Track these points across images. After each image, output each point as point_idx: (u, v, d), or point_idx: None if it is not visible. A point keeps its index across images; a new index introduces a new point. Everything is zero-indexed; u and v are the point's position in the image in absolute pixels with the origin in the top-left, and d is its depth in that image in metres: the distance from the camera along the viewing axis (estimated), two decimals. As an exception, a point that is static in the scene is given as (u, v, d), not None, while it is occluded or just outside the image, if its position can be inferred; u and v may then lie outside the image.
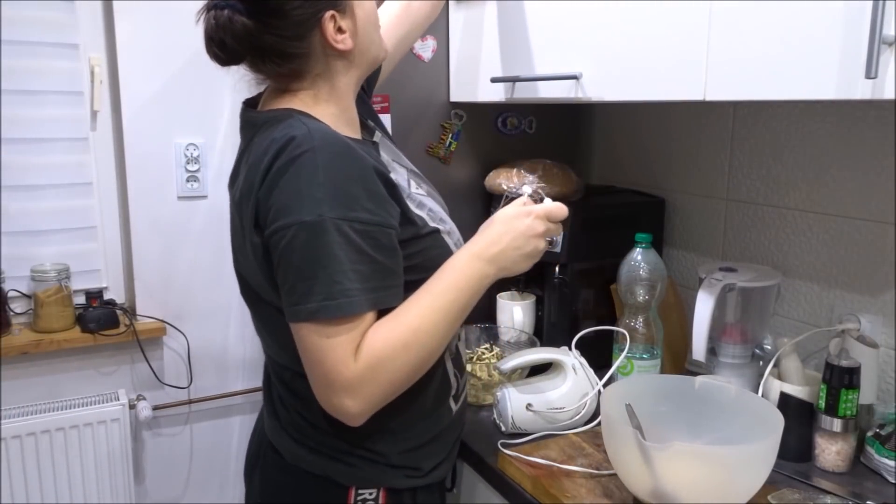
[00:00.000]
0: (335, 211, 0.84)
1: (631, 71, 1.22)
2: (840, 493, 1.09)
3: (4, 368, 1.81)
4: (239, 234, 0.98)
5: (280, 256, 0.87)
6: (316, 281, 0.85)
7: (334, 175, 0.86)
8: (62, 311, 1.83)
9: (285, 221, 0.85)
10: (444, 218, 1.04)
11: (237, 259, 1.03)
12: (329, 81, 0.99)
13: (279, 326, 0.94)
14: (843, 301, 1.33)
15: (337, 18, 0.95)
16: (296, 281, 0.86)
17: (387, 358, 0.88)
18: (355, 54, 0.99)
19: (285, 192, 0.86)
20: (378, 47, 1.04)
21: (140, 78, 1.85)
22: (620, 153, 1.83)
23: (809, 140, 1.37)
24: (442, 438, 1.08)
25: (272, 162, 0.87)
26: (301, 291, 0.86)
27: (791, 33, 0.95)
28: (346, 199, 0.86)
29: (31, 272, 1.81)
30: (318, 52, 0.96)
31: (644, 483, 0.99)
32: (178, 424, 2.06)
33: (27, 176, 1.81)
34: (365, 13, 1.00)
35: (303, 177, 0.85)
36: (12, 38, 1.73)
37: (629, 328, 1.35)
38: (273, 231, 0.87)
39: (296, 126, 0.89)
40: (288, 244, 0.85)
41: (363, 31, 0.99)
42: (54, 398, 1.88)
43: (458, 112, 1.72)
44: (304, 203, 0.84)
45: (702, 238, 1.61)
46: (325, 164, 0.86)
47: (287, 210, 0.85)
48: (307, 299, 0.85)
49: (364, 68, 1.03)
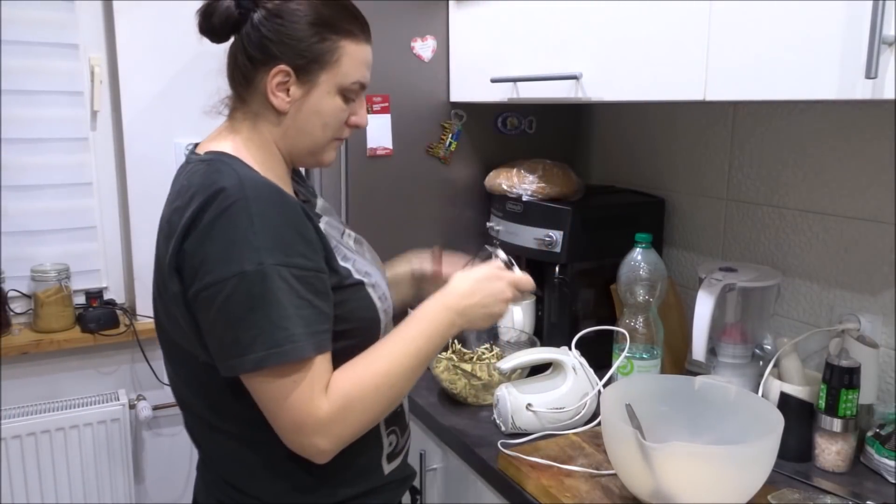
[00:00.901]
0: (274, 257, 0.83)
1: (631, 71, 1.22)
2: (840, 493, 1.09)
3: (4, 368, 1.81)
4: (158, 272, 0.94)
5: (218, 311, 0.84)
6: (261, 329, 0.83)
7: (269, 222, 0.85)
8: (62, 311, 1.84)
9: (221, 274, 0.83)
10: (369, 271, 1.01)
11: (155, 293, 0.98)
12: (260, 127, 0.96)
13: (194, 374, 0.94)
14: (843, 301, 1.33)
15: (290, 79, 0.93)
16: (239, 332, 0.84)
17: (357, 398, 0.89)
18: (287, 124, 0.96)
19: (219, 244, 0.83)
20: (315, 144, 0.99)
21: (140, 78, 1.86)
22: (620, 153, 1.83)
23: (809, 140, 1.37)
24: (367, 501, 1.02)
25: (199, 212, 0.85)
26: (245, 342, 0.83)
27: (791, 33, 0.95)
28: (282, 245, 0.85)
29: (31, 272, 1.81)
30: (260, 89, 0.94)
31: (644, 483, 0.99)
32: (178, 424, 2.06)
33: (27, 176, 1.81)
34: (324, 107, 0.96)
35: (238, 227, 0.83)
36: (12, 38, 1.74)
37: (629, 328, 1.35)
38: (206, 285, 0.84)
39: (225, 174, 0.87)
40: (227, 297, 0.83)
41: (307, 116, 0.96)
42: (54, 398, 1.88)
43: (458, 112, 1.72)
44: (242, 253, 0.83)
45: (702, 238, 1.61)
46: (258, 212, 0.84)
47: (223, 262, 0.83)
48: (252, 349, 0.83)
49: (296, 147, 0.99)
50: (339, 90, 0.96)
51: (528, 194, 1.58)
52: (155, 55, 1.85)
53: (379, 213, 1.68)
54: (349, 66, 0.95)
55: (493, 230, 1.66)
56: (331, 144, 1.01)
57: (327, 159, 1.03)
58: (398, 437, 1.07)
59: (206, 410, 0.97)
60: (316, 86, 0.95)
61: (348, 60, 0.95)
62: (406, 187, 1.69)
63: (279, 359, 0.84)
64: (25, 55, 1.76)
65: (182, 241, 0.86)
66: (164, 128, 1.90)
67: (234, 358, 0.85)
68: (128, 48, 1.83)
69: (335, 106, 0.97)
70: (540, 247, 1.53)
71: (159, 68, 1.87)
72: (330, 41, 0.93)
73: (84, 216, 1.89)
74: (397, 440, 1.07)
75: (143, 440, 2.02)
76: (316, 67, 0.93)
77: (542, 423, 1.25)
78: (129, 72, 1.85)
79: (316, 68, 0.94)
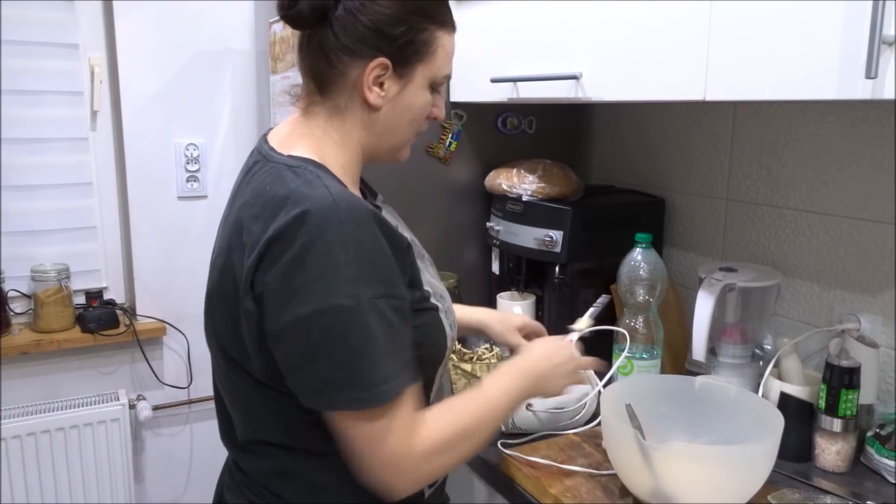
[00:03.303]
0: (371, 289, 0.79)
1: (631, 71, 1.22)
2: (840, 493, 1.09)
3: (4, 368, 1.81)
4: (222, 274, 0.88)
5: (311, 345, 0.79)
6: (357, 369, 0.79)
7: (363, 249, 0.79)
8: (62, 311, 1.83)
9: (317, 307, 0.77)
10: (443, 295, 0.97)
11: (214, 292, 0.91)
12: (343, 125, 0.90)
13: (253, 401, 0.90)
14: (843, 301, 1.33)
15: (387, 73, 0.87)
16: (333, 369, 0.79)
17: (449, 446, 0.87)
18: (378, 120, 0.90)
19: (313, 275, 0.77)
20: (400, 141, 0.94)
21: (140, 78, 1.86)
22: (620, 153, 1.83)
23: (809, 140, 1.37)
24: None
25: (288, 231, 0.78)
26: (340, 380, 0.79)
27: (791, 33, 0.95)
28: (377, 275, 0.80)
29: (31, 272, 1.81)
30: (349, 83, 0.88)
31: (644, 483, 0.99)
32: (178, 424, 2.06)
33: (27, 176, 1.81)
34: (416, 103, 0.91)
35: (333, 257, 0.77)
36: (12, 38, 1.74)
37: (629, 328, 1.35)
38: (301, 317, 0.78)
39: (317, 189, 0.80)
40: (324, 333, 0.78)
41: (400, 112, 0.90)
42: (54, 398, 1.88)
43: (458, 112, 1.72)
44: (337, 286, 0.77)
45: (702, 238, 1.61)
46: (353, 239, 0.79)
47: (317, 293, 0.78)
48: (347, 388, 0.79)
49: (380, 145, 0.93)
50: (430, 83, 0.91)
51: (528, 194, 1.58)
52: (155, 55, 1.85)
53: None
54: (443, 59, 0.90)
55: (493, 230, 1.66)
56: (412, 139, 0.96)
57: (405, 155, 0.98)
58: None
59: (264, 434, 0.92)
60: (412, 80, 0.89)
61: (443, 52, 0.90)
62: (406, 187, 1.69)
63: (376, 401, 0.80)
64: (25, 55, 1.76)
65: (261, 258, 0.80)
66: (163, 128, 1.90)
67: (326, 395, 0.81)
68: (128, 48, 1.83)
69: (425, 100, 0.91)
70: (540, 247, 1.53)
71: (159, 68, 1.87)
72: (428, 31, 0.87)
73: (84, 216, 1.89)
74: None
75: (143, 440, 2.02)
76: (414, 60, 0.87)
77: (542, 423, 1.25)
78: (129, 72, 1.84)
79: (414, 60, 0.87)
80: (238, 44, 1.92)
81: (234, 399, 0.95)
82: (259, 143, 0.94)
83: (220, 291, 0.88)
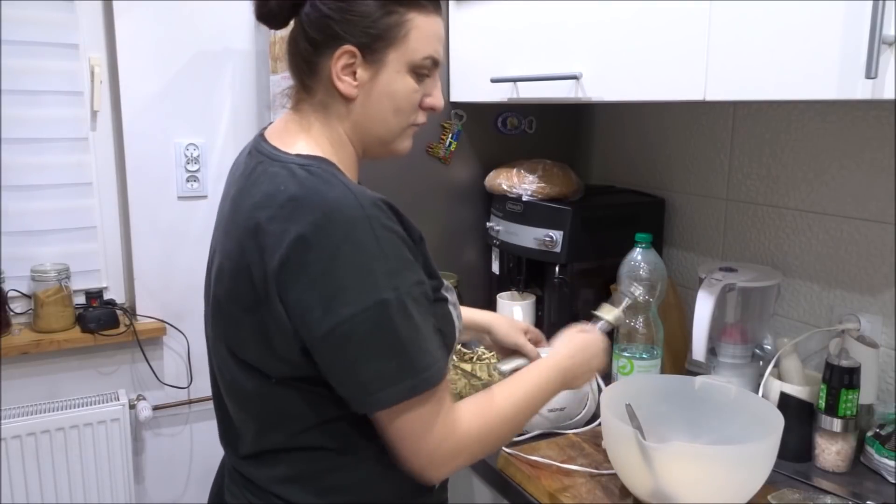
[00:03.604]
0: (406, 280, 0.80)
1: (631, 71, 1.22)
2: (840, 493, 1.09)
3: (4, 368, 1.81)
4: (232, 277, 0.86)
5: (361, 342, 0.78)
6: (406, 357, 0.80)
7: (393, 241, 0.80)
8: (62, 311, 1.83)
9: (359, 306, 0.77)
10: (450, 288, 0.96)
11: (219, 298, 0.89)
12: (329, 120, 0.90)
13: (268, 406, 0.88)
14: (843, 301, 1.33)
15: (356, 60, 0.86)
16: (386, 362, 0.79)
17: (490, 432, 0.89)
18: (357, 111, 0.89)
19: (345, 275, 0.77)
20: (388, 131, 0.92)
21: (140, 78, 1.85)
22: (620, 153, 1.83)
23: (809, 140, 1.37)
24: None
25: (317, 232, 0.77)
26: (392, 373, 0.79)
27: (791, 33, 0.95)
28: (409, 265, 0.82)
29: (31, 272, 1.81)
30: (325, 77, 0.87)
31: (644, 483, 0.99)
32: (178, 424, 2.06)
33: (27, 176, 1.81)
34: (395, 89, 0.88)
35: (368, 252, 0.78)
36: (12, 38, 1.73)
37: (629, 328, 1.35)
38: (345, 320, 0.77)
39: (335, 188, 0.80)
40: (373, 327, 0.78)
41: (377, 99, 0.88)
42: (54, 398, 1.88)
43: (458, 112, 1.72)
44: (378, 280, 0.78)
45: (702, 238, 1.61)
46: (382, 232, 0.79)
47: (356, 292, 0.77)
48: (401, 377, 0.79)
49: (367, 137, 0.92)
50: (410, 68, 0.88)
51: (528, 194, 1.58)
52: (155, 55, 1.85)
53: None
54: (419, 41, 0.87)
55: (493, 230, 1.66)
56: (406, 132, 0.93)
57: (402, 148, 0.95)
58: None
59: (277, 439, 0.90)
60: (384, 65, 0.87)
61: (417, 34, 0.87)
62: (406, 187, 1.69)
63: (426, 385, 0.81)
64: (25, 55, 1.76)
65: (287, 260, 0.78)
66: (163, 128, 1.90)
67: (379, 393, 0.80)
68: (128, 48, 1.83)
69: (407, 86, 0.89)
70: (540, 247, 1.53)
71: (159, 68, 1.87)
72: (397, 14, 0.86)
73: (84, 216, 1.89)
74: None
75: (143, 440, 2.02)
76: (383, 45, 0.86)
77: (542, 423, 1.25)
78: (129, 72, 1.84)
79: (383, 46, 0.86)
80: (238, 44, 1.92)
81: (244, 404, 0.92)
82: (256, 142, 0.92)
83: (233, 295, 0.86)
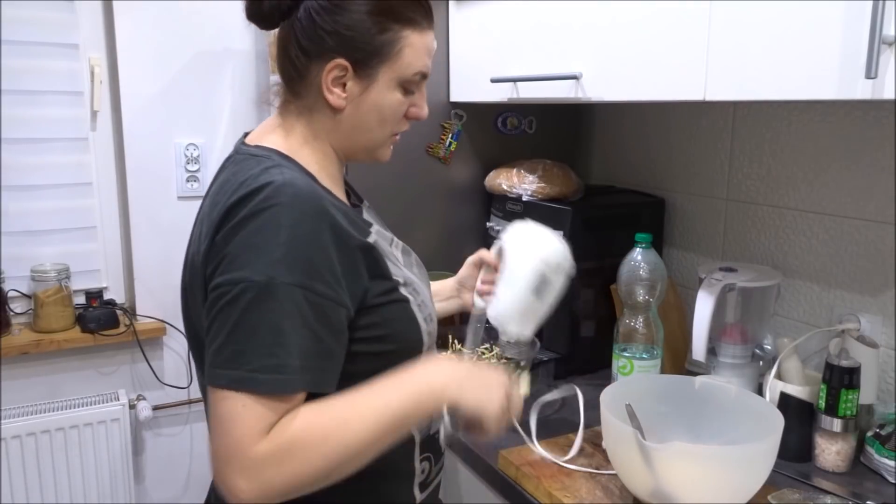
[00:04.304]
0: (291, 275, 0.76)
1: (631, 71, 1.22)
2: (840, 493, 1.09)
3: (4, 368, 1.81)
4: (190, 268, 0.88)
5: (218, 312, 0.77)
6: (250, 348, 0.75)
7: (298, 236, 0.78)
8: (62, 311, 1.83)
9: (232, 276, 0.77)
10: (417, 288, 0.93)
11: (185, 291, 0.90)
12: (312, 124, 0.90)
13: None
14: (843, 301, 1.33)
15: (347, 74, 0.86)
16: (227, 342, 0.76)
17: (300, 445, 0.76)
18: (344, 121, 0.89)
19: (241, 245, 0.77)
20: (373, 141, 0.92)
21: (140, 78, 1.85)
22: (620, 153, 1.83)
23: (809, 140, 1.37)
24: None
25: (236, 207, 0.79)
26: (228, 355, 0.76)
27: (791, 33, 0.95)
28: (304, 265, 0.77)
29: (31, 272, 1.81)
30: (314, 84, 0.88)
31: (644, 483, 0.99)
32: (178, 424, 2.06)
33: (27, 176, 1.81)
34: (383, 102, 0.89)
35: (264, 232, 0.77)
36: (12, 38, 1.73)
37: (629, 328, 1.35)
38: (218, 284, 0.78)
39: (273, 174, 0.81)
40: (229, 302, 0.76)
41: (365, 112, 0.89)
42: (54, 398, 1.88)
43: (458, 112, 1.72)
44: (258, 260, 0.76)
45: (702, 238, 1.61)
46: (290, 224, 0.77)
47: (238, 263, 0.77)
48: (234, 364, 0.75)
49: (352, 144, 0.93)
50: (399, 83, 0.89)
51: (528, 194, 1.58)
52: (155, 55, 1.85)
53: (378, 214, 1.67)
54: (411, 57, 0.88)
55: (493, 230, 1.66)
56: (389, 140, 0.94)
57: (384, 156, 0.96)
58: (431, 464, 0.99)
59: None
60: (375, 81, 0.87)
61: (410, 51, 0.87)
62: (406, 187, 1.69)
63: (259, 387, 0.75)
64: (25, 55, 1.76)
65: (215, 232, 0.80)
66: (163, 128, 1.90)
67: (215, 367, 0.77)
68: (128, 48, 1.83)
69: (395, 100, 0.89)
70: (540, 247, 1.53)
71: (159, 68, 1.87)
72: (391, 32, 0.85)
73: (84, 216, 1.89)
74: (430, 468, 0.99)
75: (143, 440, 2.02)
76: (376, 61, 0.86)
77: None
78: (129, 72, 1.84)
79: (376, 62, 0.86)
80: (238, 44, 1.92)
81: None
82: (238, 142, 0.95)
83: (189, 285, 0.89)
